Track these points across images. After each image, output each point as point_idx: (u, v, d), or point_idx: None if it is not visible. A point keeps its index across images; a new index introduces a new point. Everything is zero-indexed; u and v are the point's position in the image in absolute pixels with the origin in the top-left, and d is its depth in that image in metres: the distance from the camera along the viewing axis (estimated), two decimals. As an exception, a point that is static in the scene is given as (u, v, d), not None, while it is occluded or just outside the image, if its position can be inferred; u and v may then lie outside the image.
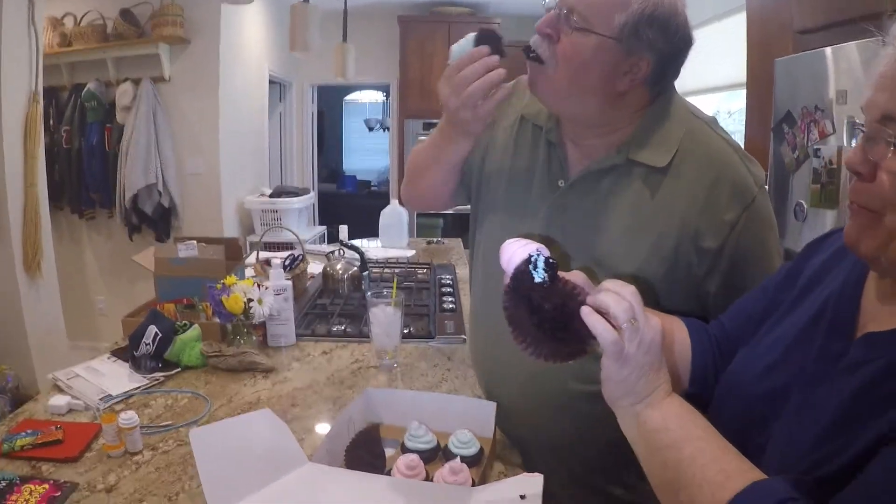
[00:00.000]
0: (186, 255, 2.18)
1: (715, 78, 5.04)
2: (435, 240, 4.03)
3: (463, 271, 3.16)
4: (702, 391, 1.01)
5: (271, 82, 6.09)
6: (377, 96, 10.27)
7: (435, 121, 6.52)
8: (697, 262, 1.19)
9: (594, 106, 1.22)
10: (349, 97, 10.51)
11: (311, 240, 5.50)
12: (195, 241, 2.21)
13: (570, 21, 1.14)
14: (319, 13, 3.21)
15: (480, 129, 1.33)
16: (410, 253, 3.59)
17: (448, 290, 2.72)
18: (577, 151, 1.32)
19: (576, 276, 0.90)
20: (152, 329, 1.76)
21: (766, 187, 1.27)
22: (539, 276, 0.87)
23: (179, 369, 1.77)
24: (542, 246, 0.91)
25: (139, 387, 1.65)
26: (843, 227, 0.81)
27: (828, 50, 2.38)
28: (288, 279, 2.03)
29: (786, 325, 0.90)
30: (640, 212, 1.22)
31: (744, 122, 3.80)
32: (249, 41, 5.41)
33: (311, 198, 5.76)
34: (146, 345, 1.74)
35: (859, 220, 0.75)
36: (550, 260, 0.88)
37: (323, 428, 1.44)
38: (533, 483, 1.03)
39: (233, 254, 2.36)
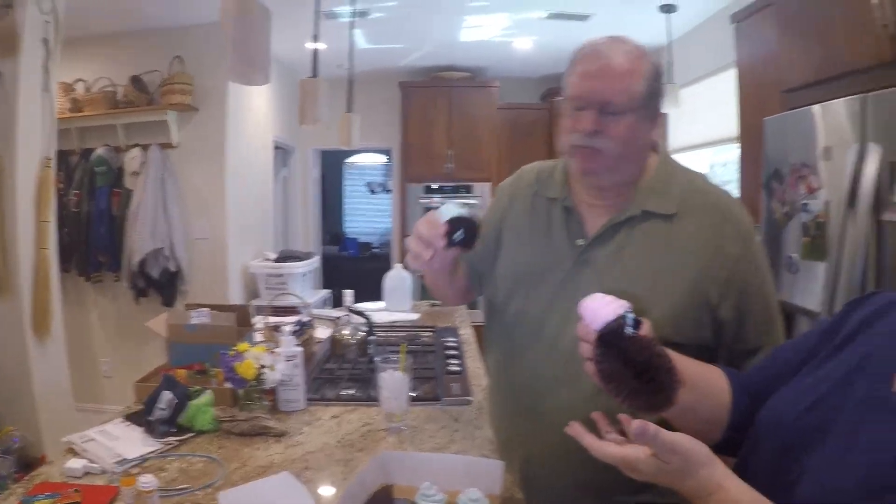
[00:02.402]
0: (199, 321, 2.23)
1: (708, 133, 5.18)
2: (438, 302, 4.07)
3: (466, 332, 3.20)
4: (736, 434, 1.10)
5: (275, 148, 6.22)
6: (378, 158, 10.42)
7: (436, 185, 6.67)
8: (713, 293, 1.38)
9: (637, 163, 1.47)
10: (350, 159, 10.67)
11: (316, 303, 5.55)
12: (207, 309, 2.27)
13: (611, 110, 1.36)
14: (327, 87, 3.32)
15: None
16: (415, 316, 3.63)
17: (453, 352, 2.77)
18: (592, 212, 1.51)
19: (645, 327, 1.01)
20: (167, 394, 1.80)
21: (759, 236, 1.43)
22: (631, 331, 0.95)
23: (193, 434, 1.81)
24: (626, 302, 0.98)
25: (154, 451, 1.68)
26: (885, 290, 0.98)
27: (816, 107, 2.47)
28: (298, 345, 2.09)
29: (826, 370, 0.99)
30: (659, 255, 1.42)
31: (735, 173, 3.92)
32: (255, 109, 5.56)
33: (315, 262, 5.83)
34: (161, 409, 1.79)
35: None
36: (637, 318, 0.96)
37: (336, 490, 1.48)
38: None
39: (243, 321, 2.41)
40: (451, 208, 1.44)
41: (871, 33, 2.26)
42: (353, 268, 8.80)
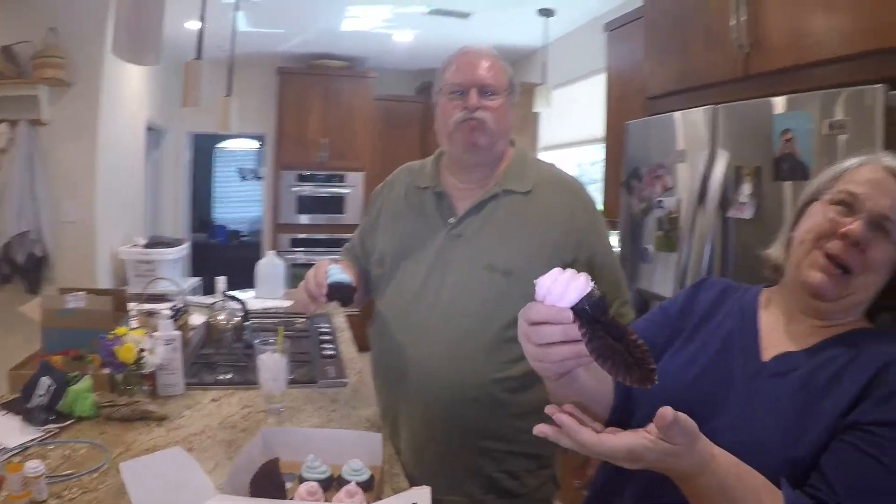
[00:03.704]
0: (75, 306, 2.21)
1: (578, 133, 5.48)
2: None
3: (339, 319, 3.29)
4: (622, 414, 1.19)
5: (147, 129, 6.04)
6: (250, 144, 10.22)
7: (309, 172, 6.67)
8: (567, 255, 1.71)
9: (504, 144, 1.85)
10: (221, 144, 10.42)
11: (186, 291, 5.44)
12: (83, 293, 2.25)
13: (497, 90, 1.75)
14: (209, 69, 3.32)
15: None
16: (288, 303, 3.68)
17: (327, 337, 2.86)
18: (460, 195, 1.84)
19: None
20: (45, 380, 1.79)
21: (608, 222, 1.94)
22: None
23: (73, 420, 1.79)
24: (585, 273, 0.91)
25: (34, 439, 1.66)
26: (711, 276, 1.34)
27: (677, 114, 2.69)
28: (176, 330, 2.12)
29: (696, 346, 1.22)
30: (519, 225, 1.76)
31: (601, 172, 4.23)
32: (130, 87, 5.37)
33: (185, 248, 5.72)
34: (40, 396, 1.77)
35: (832, 273, 1.07)
36: (600, 290, 0.91)
37: (221, 469, 1.53)
38: (422, 494, 1.20)
39: (119, 305, 2.41)
40: (335, 272, 1.73)
41: (727, 51, 2.52)
42: (221, 255, 8.64)
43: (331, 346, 2.70)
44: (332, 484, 1.37)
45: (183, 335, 2.44)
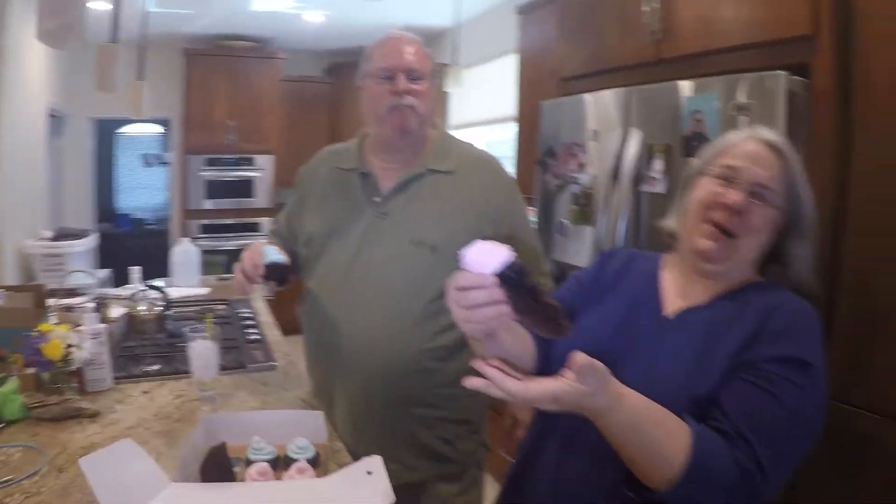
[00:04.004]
0: (-4, 304, 2.16)
1: (487, 112, 5.57)
2: (226, 276, 4.07)
3: (258, 304, 3.29)
4: (543, 367, 1.33)
5: (49, 116, 5.77)
6: (153, 128, 9.89)
7: (216, 156, 6.53)
8: (488, 230, 1.79)
9: (428, 127, 1.91)
10: (122, 130, 10.05)
11: (100, 283, 5.28)
12: (3, 290, 2.20)
13: (423, 75, 1.83)
14: (125, 53, 3.23)
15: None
16: (205, 290, 3.66)
17: (250, 322, 2.87)
18: (385, 175, 1.89)
19: None
20: (-29, 384, 1.76)
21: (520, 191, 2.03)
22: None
23: (2, 425, 1.74)
24: (505, 245, 1.03)
25: None
26: (618, 248, 1.42)
27: (588, 96, 2.83)
28: (101, 323, 2.09)
29: (609, 306, 1.37)
30: (443, 202, 1.84)
31: (510, 150, 4.39)
32: (30, 72, 5.11)
33: (93, 239, 5.55)
34: (-34, 401, 1.73)
35: (719, 238, 1.22)
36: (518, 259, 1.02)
37: (164, 459, 1.53)
38: (375, 462, 1.28)
39: (39, 301, 2.36)
40: (271, 253, 1.81)
41: (640, 36, 2.65)
42: (128, 245, 8.38)
43: (255, 331, 2.72)
44: (279, 464, 1.42)
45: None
